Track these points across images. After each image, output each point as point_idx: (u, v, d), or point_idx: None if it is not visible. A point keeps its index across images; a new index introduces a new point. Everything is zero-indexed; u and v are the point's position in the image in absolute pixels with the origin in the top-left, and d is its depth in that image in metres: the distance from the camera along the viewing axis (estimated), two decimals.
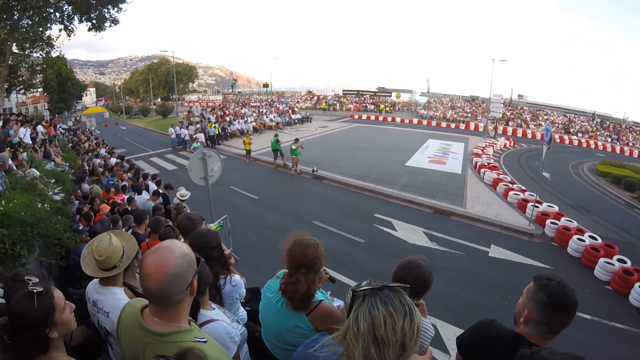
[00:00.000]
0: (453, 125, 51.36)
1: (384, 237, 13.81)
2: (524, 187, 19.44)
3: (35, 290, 2.05)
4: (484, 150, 29.74)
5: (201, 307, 2.59)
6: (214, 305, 2.92)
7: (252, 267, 10.37)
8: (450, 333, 8.09)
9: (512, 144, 39.01)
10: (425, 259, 2.94)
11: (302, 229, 3.12)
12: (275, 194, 19.17)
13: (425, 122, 53.53)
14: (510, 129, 48.94)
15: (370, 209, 16.63)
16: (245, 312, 3.92)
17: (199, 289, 2.10)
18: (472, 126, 49.65)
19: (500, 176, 21.08)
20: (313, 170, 22.36)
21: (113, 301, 2.99)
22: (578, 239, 13.06)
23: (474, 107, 61.64)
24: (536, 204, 15.48)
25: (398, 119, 55.24)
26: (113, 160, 20.74)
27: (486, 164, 24.20)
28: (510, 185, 19.30)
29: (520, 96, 68.57)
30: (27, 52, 23.52)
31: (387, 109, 66.08)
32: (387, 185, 19.84)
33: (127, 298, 3.07)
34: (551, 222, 14.56)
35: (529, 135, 47.13)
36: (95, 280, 3.19)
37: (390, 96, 76.00)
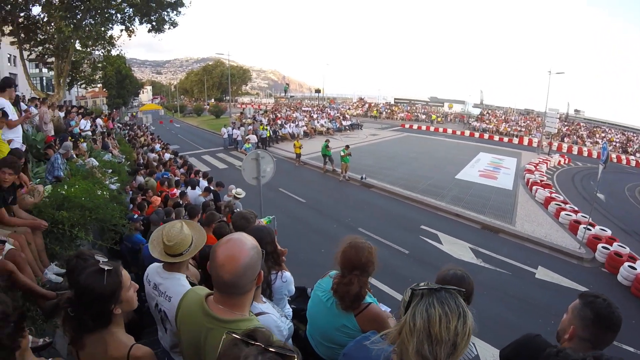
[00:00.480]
0: (506, 139, 49.57)
1: (429, 249, 13.61)
2: (576, 208, 18.59)
3: (106, 268, 2.15)
4: (537, 167, 28.83)
5: (254, 299, 2.61)
6: (264, 299, 2.97)
7: (296, 269, 10.45)
8: (488, 354, 7.90)
9: (566, 162, 37.42)
10: (467, 273, 2.95)
11: (347, 235, 3.19)
12: (323, 199, 19.25)
13: (477, 134, 51.82)
14: (565, 146, 46.73)
15: (417, 220, 16.43)
16: (290, 310, 4.01)
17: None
18: (525, 141, 47.60)
19: (553, 195, 20.30)
20: (362, 178, 22.29)
21: (177, 287, 3.02)
22: (630, 266, 12.27)
23: (528, 121, 59.64)
24: (588, 226, 14.85)
25: (449, 130, 54.03)
26: (167, 156, 21.41)
27: (539, 181, 23.36)
28: (563, 205, 18.54)
29: (577, 111, 66.14)
30: (89, 50, 24.44)
31: (439, 119, 65.06)
32: (435, 197, 19.55)
33: (189, 285, 3.10)
34: (603, 247, 13.79)
35: (585, 153, 44.80)
36: (156, 264, 3.26)
37: (443, 106, 75.07)
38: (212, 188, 13.07)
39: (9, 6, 19.99)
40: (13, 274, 3.82)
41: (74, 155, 10.40)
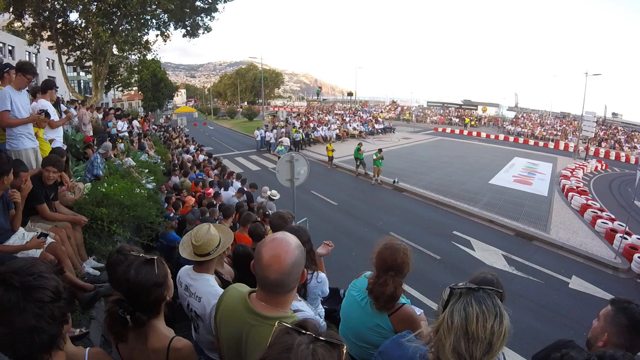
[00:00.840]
0: (541, 144, 48.27)
1: (461, 256, 13.43)
2: (613, 216, 18.03)
3: (151, 257, 2.22)
4: (574, 173, 28.14)
5: None
6: (299, 297, 2.99)
7: (326, 271, 10.45)
8: None
9: (603, 167, 36.39)
10: (498, 277, 2.86)
11: (378, 239, 3.20)
12: (355, 202, 19.22)
13: (512, 138, 51.05)
14: (602, 151, 45.30)
15: (450, 225, 16.25)
16: (323, 310, 4.03)
17: None
18: (561, 145, 46.52)
19: (589, 202, 19.74)
20: (394, 182, 22.18)
21: (205, 287, 3.16)
22: None
23: (564, 125, 58.26)
24: (625, 235, 14.43)
25: (483, 134, 53.17)
26: (201, 157, 21.77)
27: (575, 187, 22.76)
28: (599, 213, 17.96)
29: (614, 114, 64.34)
30: (125, 54, 25.08)
31: (473, 123, 63.86)
32: (468, 202, 19.31)
33: (218, 285, 3.26)
34: (639, 257, 13.29)
35: (622, 159, 43.49)
36: (187, 267, 3.38)
37: (476, 109, 73.86)
38: (245, 189, 13.21)
39: (47, 12, 20.67)
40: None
41: (112, 155, 10.66)
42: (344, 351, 1.31)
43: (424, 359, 1.84)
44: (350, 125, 44.04)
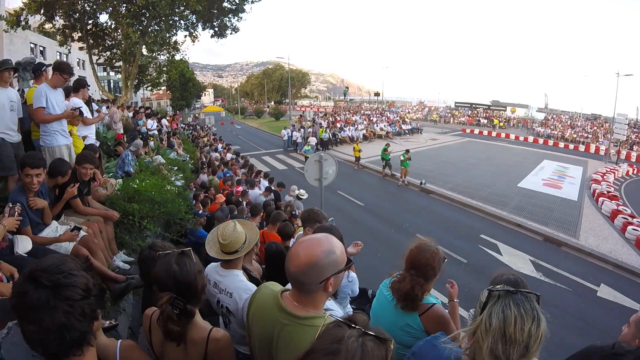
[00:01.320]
0: (571, 147, 47.15)
1: (488, 260, 13.23)
2: None
3: (185, 249, 2.28)
4: (604, 177, 27.33)
5: None
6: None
7: None
8: None
9: (635, 172, 34.88)
10: (521, 278, 2.84)
11: (404, 240, 3.18)
12: (381, 203, 19.17)
13: (541, 140, 49.91)
14: (634, 155, 42.96)
15: (477, 228, 16.05)
16: (351, 309, 4.03)
17: None
18: (592, 148, 45.03)
19: (620, 207, 19.21)
20: (421, 183, 22.03)
21: (236, 282, 3.18)
22: None
23: (595, 127, 56.47)
24: None
25: (512, 136, 51.92)
26: (229, 156, 22.03)
27: (605, 192, 22.12)
28: (630, 219, 17.39)
29: None
30: (155, 55, 25.46)
31: (501, 124, 63.03)
32: (496, 205, 19.01)
33: (247, 280, 3.29)
34: None
35: None
36: (214, 264, 3.41)
37: (505, 110, 72.50)
38: (272, 188, 13.30)
39: (78, 14, 21.16)
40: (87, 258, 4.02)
41: (143, 153, 10.83)
42: (391, 347, 1.34)
43: None
44: (377, 126, 43.93)
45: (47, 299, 1.42)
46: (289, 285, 2.15)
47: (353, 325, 1.33)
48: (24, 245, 3.59)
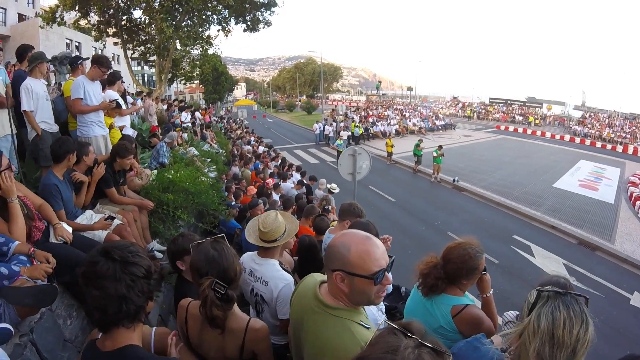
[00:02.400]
0: (609, 147, 45.51)
1: (520, 261, 12.95)
2: None
3: (219, 235, 2.38)
4: None
5: None
6: None
7: None
8: None
9: None
10: (570, 282, 2.74)
11: (435, 239, 3.12)
12: (413, 199, 19.01)
13: (577, 140, 48.42)
14: None
15: (509, 229, 15.70)
16: (384, 306, 3.99)
17: None
18: (630, 149, 43.27)
19: None
20: (454, 180, 21.74)
21: (272, 271, 3.24)
22: None
23: (634, 127, 54.41)
24: None
25: (548, 134, 50.50)
26: (261, 149, 22.28)
27: None
28: None
29: None
30: (188, 49, 25.82)
31: (537, 121, 61.36)
32: (530, 205, 18.58)
33: (283, 270, 3.32)
34: None
35: None
36: (250, 252, 3.49)
37: (541, 107, 70.55)
38: (304, 182, 13.33)
39: (112, 10, 21.68)
40: None
41: (177, 144, 10.98)
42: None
43: None
44: (410, 121, 43.61)
45: (114, 270, 1.66)
46: None
47: (409, 335, 1.26)
48: (63, 232, 3.65)
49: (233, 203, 9.15)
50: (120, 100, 7.32)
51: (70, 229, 3.76)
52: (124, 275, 1.67)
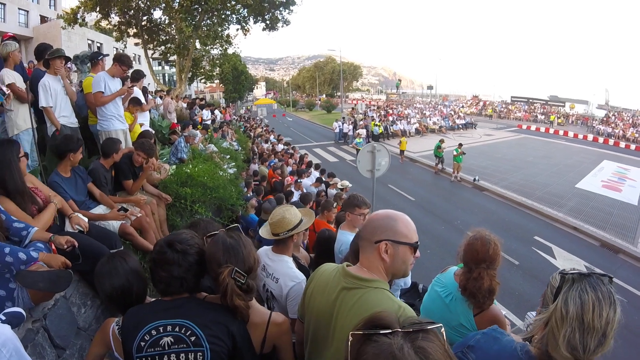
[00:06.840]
0: (633, 147, 43.94)
1: (541, 263, 12.77)
2: None
3: (234, 225, 2.58)
4: None
5: None
6: None
7: None
8: None
9: None
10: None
11: (455, 238, 3.05)
12: (432, 198, 18.92)
13: (601, 139, 47.24)
14: None
15: (531, 229, 15.52)
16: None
17: None
18: None
19: None
20: (474, 180, 21.56)
21: (284, 268, 3.19)
22: None
23: None
24: None
25: (571, 134, 49.29)
26: (280, 147, 22.38)
27: None
28: None
29: None
30: (208, 48, 26.04)
31: (560, 120, 60.09)
32: (552, 206, 18.27)
33: (296, 268, 3.27)
34: None
35: None
36: (266, 247, 3.47)
37: (564, 106, 69.20)
38: (323, 179, 13.38)
39: (132, 11, 22.07)
40: (133, 237, 4.43)
41: (196, 141, 11.08)
42: (442, 331, 1.19)
43: (527, 354, 1.71)
44: (430, 120, 43.37)
45: (177, 259, 2.12)
46: None
47: (387, 333, 1.15)
48: (80, 221, 3.73)
49: (249, 195, 9.22)
50: (141, 97, 7.42)
51: (85, 219, 3.82)
52: (184, 262, 2.13)
